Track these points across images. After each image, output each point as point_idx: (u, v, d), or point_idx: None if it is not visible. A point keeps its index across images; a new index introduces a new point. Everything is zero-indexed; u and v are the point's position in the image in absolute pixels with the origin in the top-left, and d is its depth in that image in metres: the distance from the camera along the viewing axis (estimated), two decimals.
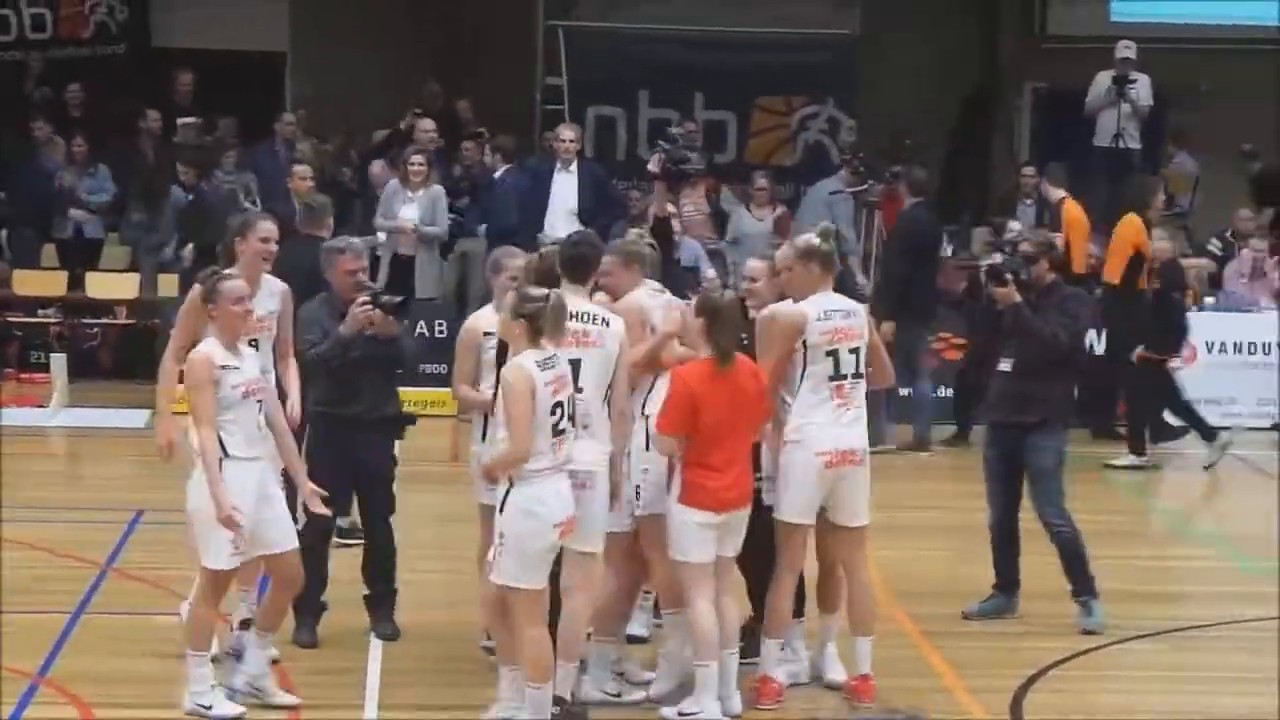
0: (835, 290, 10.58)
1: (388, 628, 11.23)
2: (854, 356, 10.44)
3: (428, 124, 21.06)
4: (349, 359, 10.93)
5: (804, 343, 10.35)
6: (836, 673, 10.73)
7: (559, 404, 9.38)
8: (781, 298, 10.61)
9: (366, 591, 11.31)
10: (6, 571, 12.57)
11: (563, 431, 9.41)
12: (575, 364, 9.74)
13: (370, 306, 10.93)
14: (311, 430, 11.03)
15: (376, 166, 21.06)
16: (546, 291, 9.57)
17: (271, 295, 10.91)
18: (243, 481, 9.65)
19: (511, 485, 9.35)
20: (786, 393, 10.41)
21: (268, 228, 10.95)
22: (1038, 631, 11.96)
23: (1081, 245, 19.32)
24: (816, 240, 10.62)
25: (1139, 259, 18.20)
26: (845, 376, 10.41)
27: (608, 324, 9.97)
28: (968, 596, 12.37)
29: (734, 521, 10.05)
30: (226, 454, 9.63)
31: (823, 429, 10.33)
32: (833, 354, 10.37)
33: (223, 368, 9.69)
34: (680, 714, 10.11)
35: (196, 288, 10.18)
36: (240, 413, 9.72)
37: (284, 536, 9.94)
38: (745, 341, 10.35)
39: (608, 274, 10.47)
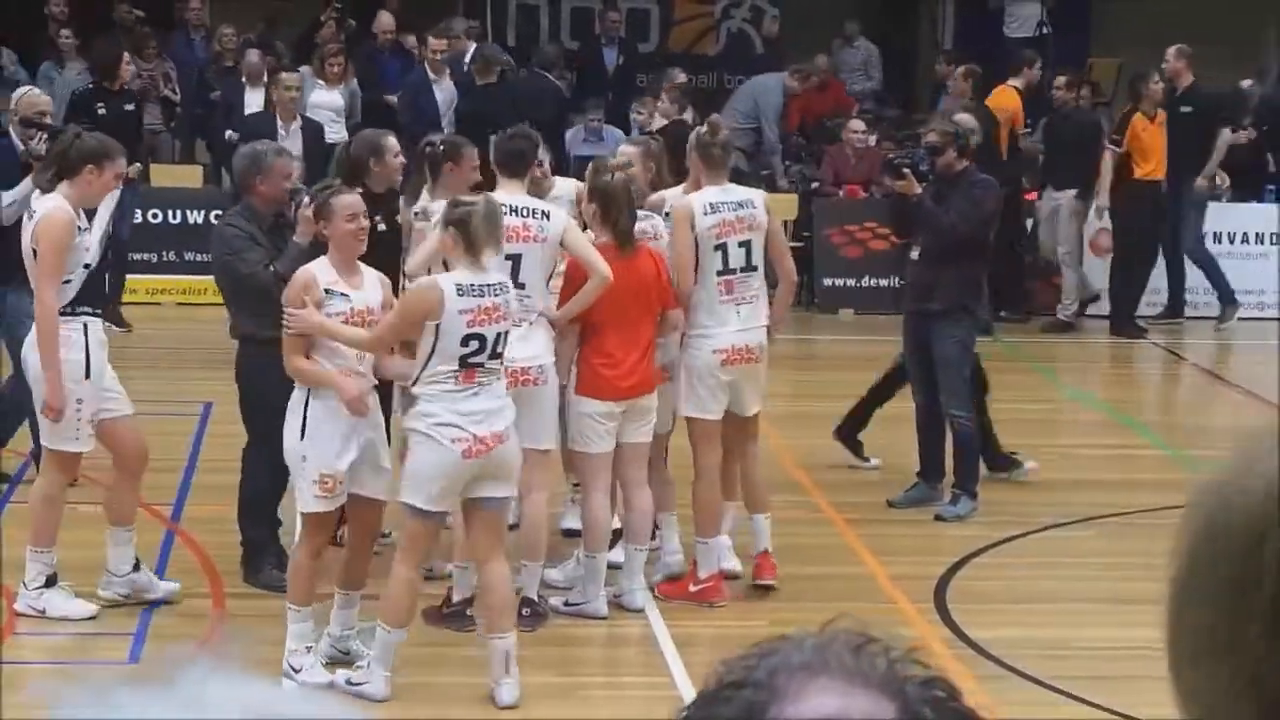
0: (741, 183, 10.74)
1: None
2: (744, 250, 10.39)
3: (388, 19, 20.82)
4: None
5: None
6: (732, 562, 10.78)
7: (476, 336, 8.71)
8: (654, 183, 10.70)
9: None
10: None
11: (476, 365, 8.75)
12: (515, 259, 9.61)
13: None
14: (252, 356, 10.16)
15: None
16: (478, 196, 9.15)
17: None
18: None
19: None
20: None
21: (121, 164, 10.20)
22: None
23: None
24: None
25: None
26: (734, 270, 10.39)
27: (548, 217, 9.83)
28: (893, 485, 12.46)
29: (636, 410, 10.02)
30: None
31: (720, 326, 10.32)
32: (721, 248, 10.32)
33: (326, 291, 9.01)
34: (566, 604, 10.14)
35: (55, 218, 9.65)
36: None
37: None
38: None
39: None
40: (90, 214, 9.99)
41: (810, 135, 21.80)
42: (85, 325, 9.84)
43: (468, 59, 19.63)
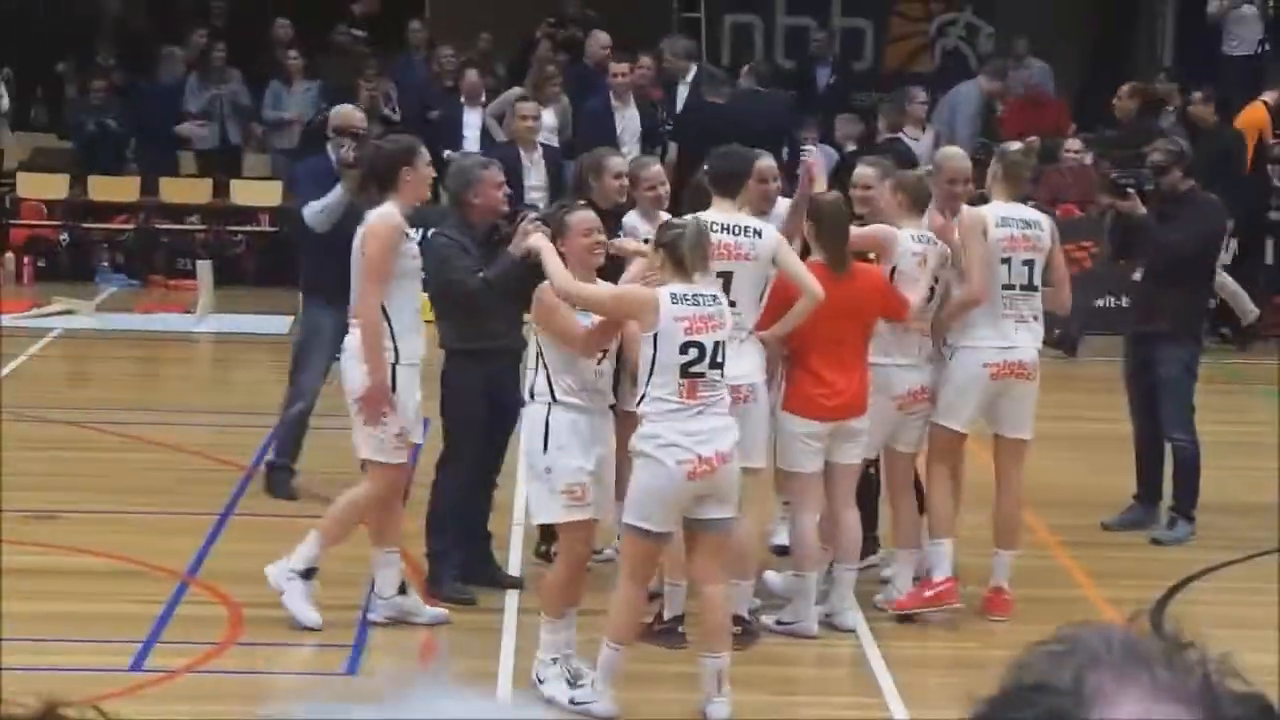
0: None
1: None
2: (1026, 269, 10.42)
3: (604, 37, 20.94)
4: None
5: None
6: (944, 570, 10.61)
7: (695, 344, 8.72)
8: (894, 206, 10.47)
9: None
10: (154, 473, 12.81)
11: (698, 376, 8.73)
12: (726, 276, 9.58)
13: (537, 220, 10.02)
14: (455, 368, 10.37)
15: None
16: (687, 219, 9.18)
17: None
18: None
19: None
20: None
21: (427, 153, 10.38)
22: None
23: None
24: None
25: None
26: (1015, 287, 10.40)
27: (759, 235, 9.81)
28: (1108, 507, 12.33)
29: (844, 431, 9.97)
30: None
31: (996, 340, 10.33)
32: (1006, 262, 10.36)
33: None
34: (778, 623, 10.14)
35: (381, 222, 9.86)
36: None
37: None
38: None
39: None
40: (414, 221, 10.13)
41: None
42: (396, 346, 9.86)
43: (689, 78, 19.62)
